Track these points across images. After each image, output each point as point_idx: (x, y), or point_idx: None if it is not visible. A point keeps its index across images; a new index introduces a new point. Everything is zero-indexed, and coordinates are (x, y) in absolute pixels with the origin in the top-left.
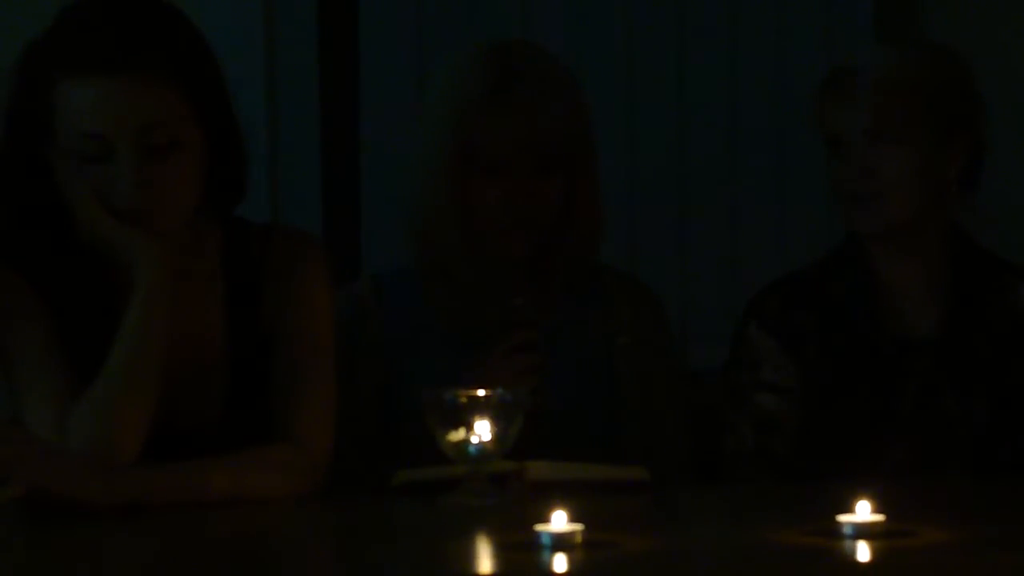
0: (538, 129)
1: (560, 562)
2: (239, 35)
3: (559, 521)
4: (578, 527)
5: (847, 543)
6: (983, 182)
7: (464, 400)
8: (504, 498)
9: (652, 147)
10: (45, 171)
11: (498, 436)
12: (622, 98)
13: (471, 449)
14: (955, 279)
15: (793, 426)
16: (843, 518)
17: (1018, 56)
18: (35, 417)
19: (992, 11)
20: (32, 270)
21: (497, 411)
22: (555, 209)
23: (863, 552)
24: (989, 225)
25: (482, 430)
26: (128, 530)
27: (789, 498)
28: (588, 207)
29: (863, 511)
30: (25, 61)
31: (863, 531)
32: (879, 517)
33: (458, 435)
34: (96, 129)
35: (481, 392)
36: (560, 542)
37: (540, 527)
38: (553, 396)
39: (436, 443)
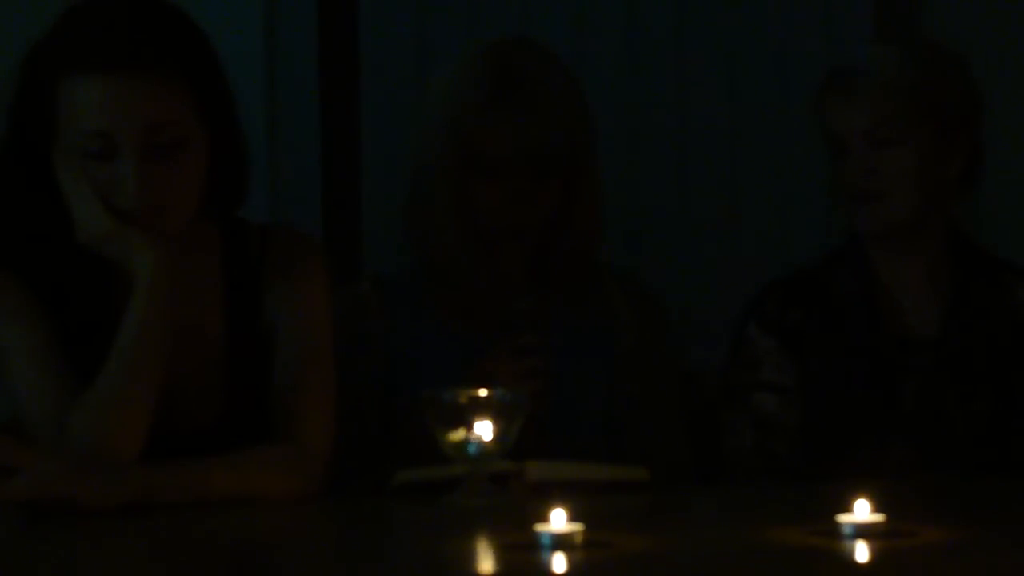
0: (538, 132)
1: (559, 562)
2: (239, 35)
3: (559, 521)
4: (578, 527)
5: (847, 543)
6: (983, 182)
7: (464, 400)
8: (504, 498)
9: (652, 147)
10: (47, 170)
11: (498, 436)
12: (622, 98)
13: (471, 449)
14: (955, 279)
15: (793, 426)
16: (843, 518)
17: (1018, 56)
18: (35, 417)
19: (992, 11)
20: (32, 270)
21: (497, 411)
22: (554, 211)
23: (863, 552)
24: (989, 225)
25: (482, 430)
26: (128, 530)
27: (789, 498)
28: (587, 209)
29: (863, 511)
30: (30, 58)
31: (863, 531)
32: (879, 517)
33: (458, 435)
34: (101, 127)
35: (481, 392)
36: (560, 542)
37: (540, 527)
38: (554, 397)
39: (436, 443)
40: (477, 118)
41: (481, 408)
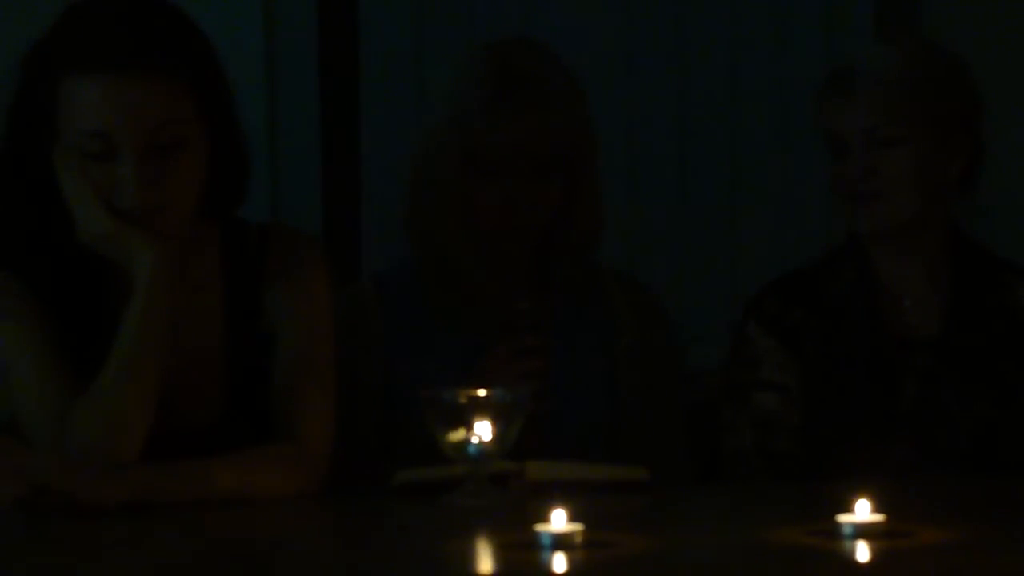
0: (538, 132)
1: (560, 562)
2: (239, 35)
3: (559, 521)
4: (578, 527)
5: (847, 543)
6: (983, 182)
7: (464, 400)
8: (504, 498)
9: (652, 147)
10: (47, 170)
11: (498, 436)
12: (622, 98)
13: (471, 449)
14: (955, 279)
15: (792, 425)
16: (843, 518)
17: (1018, 56)
18: (35, 418)
19: (992, 11)
20: (32, 270)
21: (497, 411)
22: (555, 210)
23: (863, 552)
24: (989, 225)
25: (482, 430)
26: (128, 530)
27: (789, 498)
28: (588, 208)
29: (863, 511)
30: (30, 58)
31: (863, 531)
32: (879, 517)
33: (458, 435)
34: (101, 127)
35: (481, 392)
36: (560, 542)
37: (540, 527)
38: (554, 398)
39: (436, 443)
40: (478, 118)
41: (481, 408)
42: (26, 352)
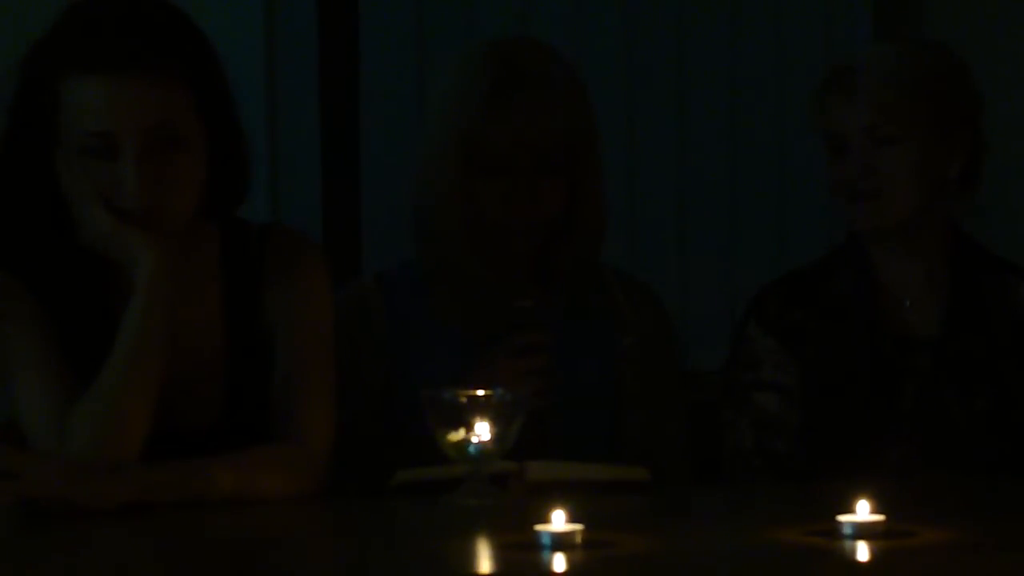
0: (541, 129)
1: (560, 562)
2: (239, 35)
3: (559, 521)
4: (578, 527)
5: (847, 543)
6: (983, 182)
7: (464, 400)
8: (504, 498)
9: (652, 147)
10: (47, 170)
11: (498, 436)
12: (622, 98)
13: (471, 449)
14: (955, 279)
15: (793, 425)
16: (843, 518)
17: (1018, 56)
18: (34, 419)
19: (992, 11)
20: (32, 270)
21: (497, 411)
22: (558, 208)
23: (863, 552)
24: (989, 225)
25: (482, 430)
26: (128, 530)
27: (789, 498)
28: (591, 206)
29: (863, 511)
30: (31, 58)
31: (863, 531)
32: (879, 517)
33: (458, 435)
34: (102, 127)
35: (481, 392)
36: (560, 542)
37: (540, 527)
38: (556, 397)
39: (436, 443)
40: (480, 115)
41: (481, 408)
42: (26, 353)
